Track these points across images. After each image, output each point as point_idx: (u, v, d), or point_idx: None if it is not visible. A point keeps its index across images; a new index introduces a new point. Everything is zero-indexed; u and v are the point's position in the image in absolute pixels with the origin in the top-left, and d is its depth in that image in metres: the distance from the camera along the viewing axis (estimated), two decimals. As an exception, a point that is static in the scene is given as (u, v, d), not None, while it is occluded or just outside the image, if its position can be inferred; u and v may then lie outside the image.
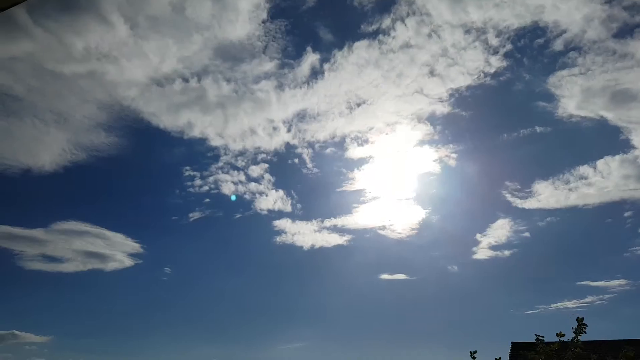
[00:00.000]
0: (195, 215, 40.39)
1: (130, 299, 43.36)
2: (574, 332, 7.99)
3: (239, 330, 42.43)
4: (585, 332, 7.79)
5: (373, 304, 43.35)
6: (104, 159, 38.44)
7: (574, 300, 35.87)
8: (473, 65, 35.67)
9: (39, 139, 37.19)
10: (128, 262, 39.00)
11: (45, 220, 40.53)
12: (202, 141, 39.46)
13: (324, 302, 44.40)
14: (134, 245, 39.20)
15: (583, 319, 7.78)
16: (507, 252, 38.82)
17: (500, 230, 38.70)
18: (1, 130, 36.65)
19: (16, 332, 35.64)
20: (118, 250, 38.85)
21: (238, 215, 41.44)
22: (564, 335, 8.07)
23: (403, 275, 40.34)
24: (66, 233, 38.16)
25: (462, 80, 36.30)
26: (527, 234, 39.25)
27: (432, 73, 36.92)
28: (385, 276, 40.58)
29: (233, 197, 40.05)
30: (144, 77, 36.05)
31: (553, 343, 8.42)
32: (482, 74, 35.78)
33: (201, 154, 40.27)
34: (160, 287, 42.83)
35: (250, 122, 39.26)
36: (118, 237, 39.05)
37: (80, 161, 37.36)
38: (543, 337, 8.65)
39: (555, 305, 36.17)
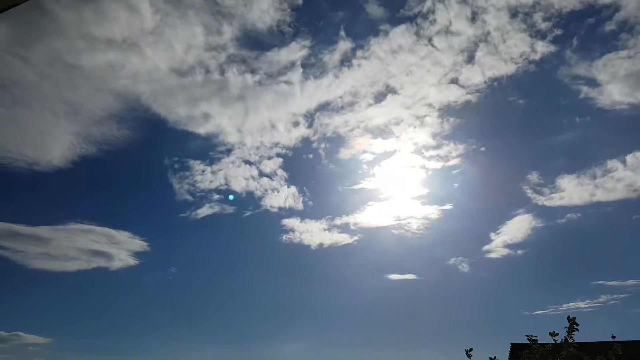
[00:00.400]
0: (203, 212, 39.39)
1: (135, 298, 42.58)
2: (566, 331, 7.95)
3: (244, 330, 42.13)
4: (577, 329, 7.72)
5: (381, 304, 42.85)
6: (114, 153, 37.18)
7: (587, 300, 34.96)
8: (517, 51, 33.13)
9: (47, 131, 35.23)
10: (133, 261, 38.03)
11: (50, 217, 39.70)
12: (216, 135, 38.36)
13: (330, 302, 44.08)
14: (140, 244, 38.31)
15: (575, 318, 7.72)
16: (523, 250, 37.78)
17: (518, 227, 37.48)
18: (8, 120, 34.46)
19: (19, 333, 34.95)
20: (123, 248, 37.67)
21: (247, 213, 40.52)
22: (557, 334, 8.05)
23: (413, 275, 39.80)
24: (71, 231, 36.92)
25: (503, 68, 33.75)
26: (545, 232, 37.95)
27: (470, 60, 34.58)
28: (394, 276, 40.05)
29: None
30: (166, 68, 34.99)
31: (547, 344, 8.41)
32: (525, 61, 33.29)
33: (213, 147, 39.06)
34: (165, 286, 42.31)
35: (270, 115, 37.93)
36: (124, 235, 37.92)
37: (89, 155, 35.93)
38: (536, 337, 8.64)
39: (567, 305, 35.38)
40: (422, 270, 40.74)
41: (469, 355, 8.58)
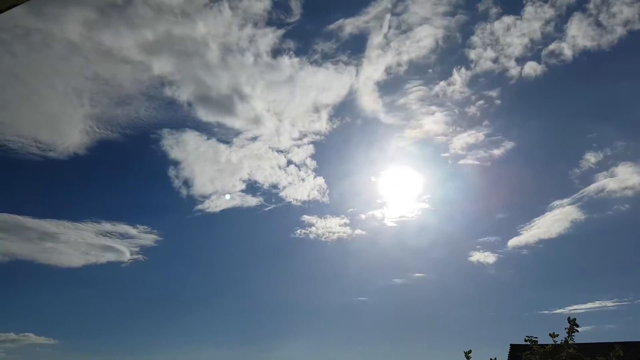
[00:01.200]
0: (222, 204, 37.33)
1: (144, 296, 41.47)
2: (567, 332, 7.82)
3: (253, 329, 41.21)
4: (577, 330, 7.57)
5: (397, 302, 41.94)
6: (134, 138, 34.81)
7: (615, 299, 33.10)
8: (619, 19, 29.12)
9: (67, 113, 31.70)
10: (143, 257, 36.94)
11: (60, 209, 38.13)
12: (250, 120, 35.73)
13: (341, 300, 43.12)
14: (153, 238, 37.07)
15: (575, 319, 7.57)
16: (555, 245, 35.66)
17: (556, 219, 34.86)
18: (26, 99, 30.35)
19: (27, 334, 34.17)
20: (135, 243, 36.41)
21: (269, 207, 38.28)
22: (557, 335, 7.94)
23: (431, 272, 38.94)
24: (80, 224, 35.65)
25: (597, 39, 29.72)
26: (584, 225, 35.27)
27: (559, 32, 30.53)
28: (415, 275, 39.11)
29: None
30: (215, 44, 31.40)
31: (547, 345, 8.28)
32: (625, 31, 29.21)
33: (243, 133, 36.34)
34: (176, 283, 41.34)
35: (317, 98, 34.65)
36: (136, 229, 36.64)
37: (109, 139, 33.30)
38: (537, 338, 8.52)
39: (592, 303, 33.62)
40: (442, 267, 39.69)
41: (468, 358, 8.48)
